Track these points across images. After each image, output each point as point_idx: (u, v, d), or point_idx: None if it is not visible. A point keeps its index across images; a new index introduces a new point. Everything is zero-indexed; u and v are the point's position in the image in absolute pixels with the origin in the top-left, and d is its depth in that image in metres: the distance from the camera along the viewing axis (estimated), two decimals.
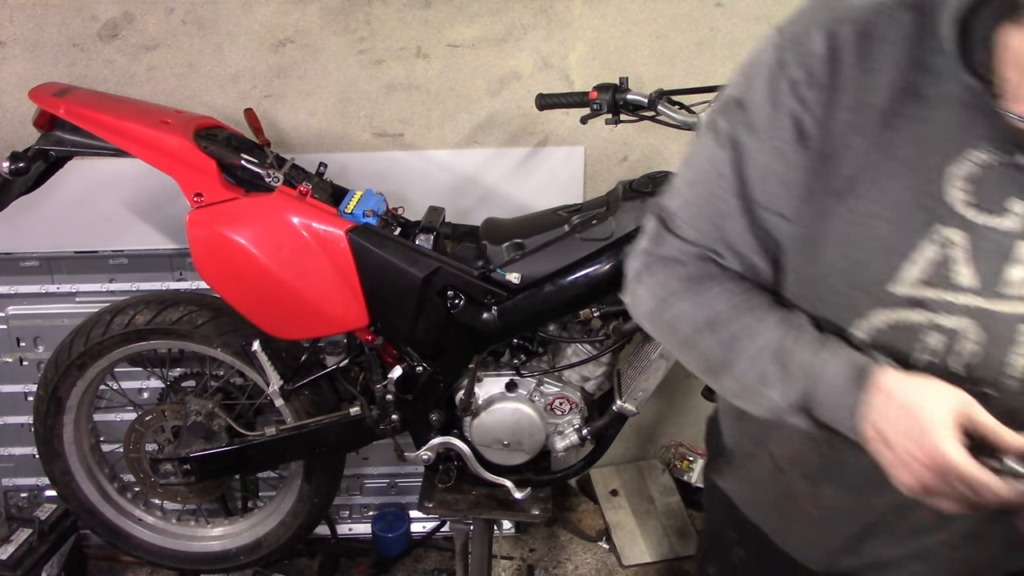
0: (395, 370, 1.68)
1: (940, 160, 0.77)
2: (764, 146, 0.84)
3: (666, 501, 2.38)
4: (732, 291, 0.89)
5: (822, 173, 0.81)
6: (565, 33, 2.04)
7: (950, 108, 0.77)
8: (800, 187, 0.83)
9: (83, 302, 2.04)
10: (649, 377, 1.62)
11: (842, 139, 0.80)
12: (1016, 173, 0.76)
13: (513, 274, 1.61)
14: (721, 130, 0.88)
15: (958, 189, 0.77)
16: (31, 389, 2.07)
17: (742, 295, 0.89)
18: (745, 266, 0.90)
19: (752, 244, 0.88)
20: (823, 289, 0.85)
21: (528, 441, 1.73)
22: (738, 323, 0.88)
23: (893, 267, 0.79)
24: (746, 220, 0.87)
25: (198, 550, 2.06)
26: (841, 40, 0.78)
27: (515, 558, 2.25)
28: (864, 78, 0.78)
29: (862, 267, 0.81)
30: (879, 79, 0.78)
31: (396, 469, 2.26)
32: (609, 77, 1.86)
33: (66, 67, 1.93)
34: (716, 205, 0.88)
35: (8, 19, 1.89)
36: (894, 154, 0.78)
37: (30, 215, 1.92)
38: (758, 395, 0.86)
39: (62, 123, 1.62)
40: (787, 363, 0.83)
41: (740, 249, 0.89)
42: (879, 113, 0.78)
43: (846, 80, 0.78)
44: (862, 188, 0.80)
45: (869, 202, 0.79)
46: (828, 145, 0.80)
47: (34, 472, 2.14)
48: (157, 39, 1.93)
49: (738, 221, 0.87)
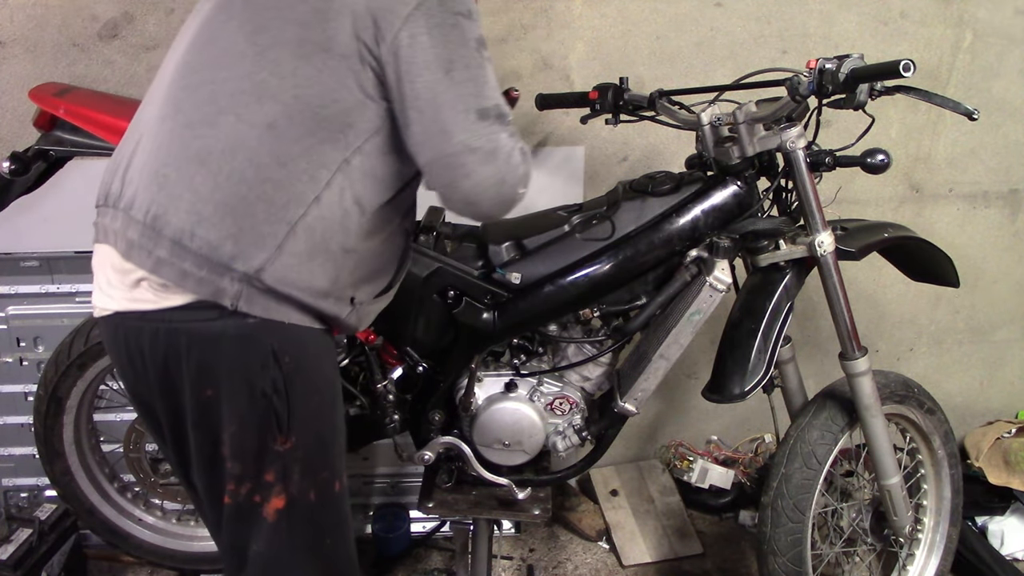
0: (395, 370, 1.68)
1: None
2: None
3: (666, 501, 2.38)
4: None
5: None
6: (565, 33, 2.04)
7: None
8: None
9: (83, 302, 2.05)
10: (649, 377, 1.62)
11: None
12: None
13: (513, 274, 1.61)
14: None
15: None
16: (31, 389, 2.07)
17: None
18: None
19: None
20: None
21: (528, 441, 1.73)
22: None
23: None
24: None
25: (198, 550, 2.06)
26: None
27: (515, 558, 2.25)
28: None
29: None
30: None
31: (396, 469, 2.26)
32: (609, 77, 1.86)
33: (66, 67, 1.93)
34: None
35: (8, 19, 1.89)
36: None
37: (30, 215, 1.92)
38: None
39: (62, 123, 1.62)
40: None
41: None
42: None
43: None
44: None
45: None
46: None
47: (34, 472, 2.14)
48: (157, 39, 1.93)
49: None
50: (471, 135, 1.16)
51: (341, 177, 1.17)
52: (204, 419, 1.19)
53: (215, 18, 1.22)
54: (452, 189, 1.20)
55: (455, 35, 1.16)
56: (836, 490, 1.81)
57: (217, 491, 1.24)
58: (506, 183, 1.21)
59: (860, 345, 1.62)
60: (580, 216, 1.65)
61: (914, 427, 1.83)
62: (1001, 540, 2.29)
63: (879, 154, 1.49)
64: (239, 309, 1.14)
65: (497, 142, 1.19)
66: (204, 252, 1.12)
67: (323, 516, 1.30)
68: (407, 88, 1.15)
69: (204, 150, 1.14)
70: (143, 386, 1.23)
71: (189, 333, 1.15)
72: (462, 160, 1.17)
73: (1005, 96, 2.28)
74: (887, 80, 1.41)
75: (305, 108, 1.14)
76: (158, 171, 1.15)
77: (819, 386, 1.77)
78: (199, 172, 1.13)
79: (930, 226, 2.38)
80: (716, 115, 1.56)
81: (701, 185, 1.60)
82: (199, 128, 1.15)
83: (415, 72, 1.14)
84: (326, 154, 1.16)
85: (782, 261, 1.58)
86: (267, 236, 1.13)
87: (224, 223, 1.12)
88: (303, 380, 1.22)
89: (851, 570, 1.86)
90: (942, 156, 2.32)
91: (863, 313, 2.39)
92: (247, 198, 1.13)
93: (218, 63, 1.18)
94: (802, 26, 2.12)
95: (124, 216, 1.16)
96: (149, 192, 1.14)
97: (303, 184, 1.15)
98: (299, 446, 1.23)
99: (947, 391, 2.57)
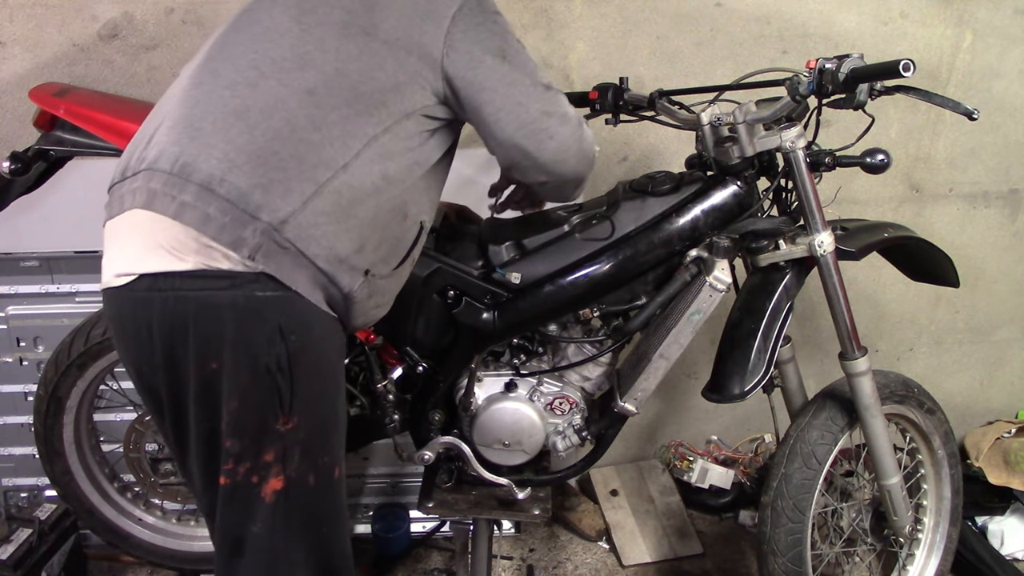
0: (395, 370, 1.68)
1: None
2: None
3: (666, 501, 2.38)
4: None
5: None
6: (565, 33, 2.04)
7: None
8: None
9: (83, 302, 2.05)
10: (649, 377, 1.62)
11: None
12: None
13: (513, 274, 1.61)
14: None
15: None
16: (31, 389, 2.07)
17: None
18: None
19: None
20: None
21: (528, 441, 1.73)
22: None
23: None
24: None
25: (198, 550, 2.06)
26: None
27: (515, 558, 2.25)
28: None
29: None
30: None
31: (396, 469, 2.26)
32: (609, 77, 1.86)
33: (66, 67, 1.93)
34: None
35: (8, 19, 1.89)
36: None
37: (30, 215, 1.92)
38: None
39: (62, 123, 1.62)
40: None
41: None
42: None
43: None
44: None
45: None
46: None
47: (34, 472, 2.14)
48: (157, 39, 1.93)
49: None
50: (545, 102, 1.32)
51: (370, 151, 1.23)
52: (206, 393, 1.19)
53: (256, 6, 1.31)
54: (540, 152, 1.33)
55: (498, 28, 1.32)
56: (836, 490, 1.81)
57: (213, 471, 1.23)
58: (585, 140, 1.38)
59: (860, 345, 1.62)
60: (580, 216, 1.65)
61: (914, 427, 1.83)
62: (1001, 540, 2.29)
63: (879, 154, 1.49)
64: (254, 261, 1.14)
65: (565, 108, 1.36)
66: (232, 198, 1.14)
67: (321, 502, 1.30)
68: (471, 75, 1.28)
69: (242, 107, 1.19)
70: (146, 361, 1.22)
71: (198, 301, 1.16)
72: (544, 124, 1.32)
73: (1005, 96, 2.28)
74: (887, 80, 1.41)
75: (344, 80, 1.22)
76: (191, 125, 1.19)
77: (819, 386, 1.77)
78: (236, 125, 1.17)
79: (930, 226, 2.38)
80: (716, 115, 1.55)
81: (701, 185, 1.60)
82: (239, 88, 1.20)
83: (476, 60, 1.28)
84: (359, 126, 1.22)
85: (782, 261, 1.58)
86: (295, 191, 1.17)
87: (256, 172, 1.15)
88: (308, 361, 1.22)
89: (851, 570, 1.86)
90: (942, 156, 2.33)
91: (863, 313, 2.39)
92: (279, 153, 1.17)
93: (262, 37, 1.25)
94: (802, 26, 2.12)
95: (146, 173, 1.18)
96: (179, 145, 1.17)
97: (334, 149, 1.20)
98: (300, 428, 1.23)
99: (947, 391, 2.57)
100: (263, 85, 1.20)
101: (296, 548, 1.27)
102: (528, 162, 1.35)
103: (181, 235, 1.15)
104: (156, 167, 1.17)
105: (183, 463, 1.31)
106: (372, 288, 1.31)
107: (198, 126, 1.18)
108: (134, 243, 1.18)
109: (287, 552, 1.26)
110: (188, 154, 1.16)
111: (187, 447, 1.26)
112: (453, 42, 1.27)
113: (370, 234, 1.26)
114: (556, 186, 1.43)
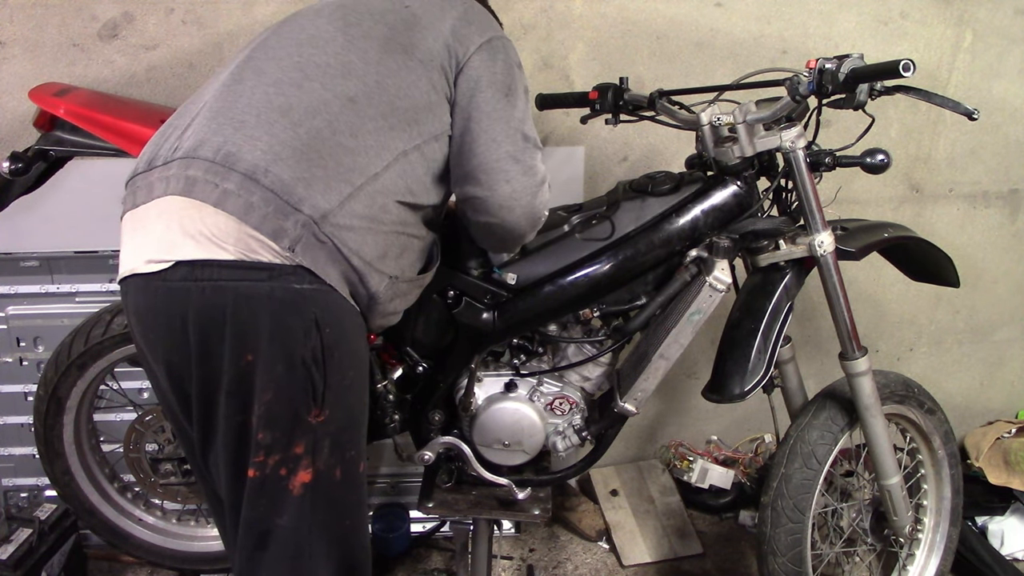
0: (395, 370, 1.68)
1: None
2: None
3: (666, 501, 2.38)
4: None
5: None
6: (565, 33, 2.04)
7: None
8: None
9: (83, 302, 2.05)
10: (649, 377, 1.62)
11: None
12: None
13: (509, 275, 1.61)
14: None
15: None
16: (31, 389, 2.07)
17: None
18: None
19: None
20: None
21: (528, 441, 1.73)
22: None
23: None
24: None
25: (198, 550, 2.06)
26: None
27: (515, 558, 2.25)
28: None
29: None
30: None
31: (396, 469, 2.26)
32: (609, 77, 1.86)
33: (66, 67, 1.93)
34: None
35: (8, 19, 1.89)
36: None
37: (30, 215, 1.92)
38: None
39: (62, 123, 1.62)
40: None
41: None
42: None
43: None
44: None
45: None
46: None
47: (34, 472, 2.14)
48: (157, 39, 1.93)
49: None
50: (518, 150, 1.36)
51: (398, 166, 1.28)
52: (240, 386, 1.18)
53: (302, 15, 1.36)
54: (490, 192, 1.36)
55: (513, 73, 1.38)
56: (836, 490, 1.81)
57: (242, 464, 1.22)
58: (538, 198, 1.41)
59: (860, 345, 1.62)
60: (580, 216, 1.65)
61: (914, 427, 1.83)
62: (1001, 540, 2.29)
63: (879, 154, 1.49)
64: (293, 253, 1.15)
65: (535, 163, 1.39)
66: (275, 188, 1.15)
67: (346, 496, 1.30)
68: (468, 97, 1.34)
69: (286, 105, 1.21)
70: (178, 352, 1.20)
71: (236, 292, 1.15)
72: (505, 166, 1.35)
73: (1005, 96, 2.28)
74: (887, 80, 1.41)
75: (383, 93, 1.27)
76: (234, 117, 1.20)
77: (819, 386, 1.77)
78: (280, 120, 1.20)
79: (930, 226, 2.38)
80: (716, 115, 1.56)
81: (701, 185, 1.60)
82: (284, 87, 1.23)
83: (481, 87, 1.34)
84: (392, 139, 1.27)
85: (782, 261, 1.58)
86: (334, 190, 1.20)
87: (299, 166, 1.17)
88: (340, 354, 1.23)
89: (851, 570, 1.86)
90: (942, 156, 2.33)
91: (863, 313, 2.39)
92: (321, 152, 1.20)
93: (308, 43, 1.29)
94: (802, 26, 2.12)
95: (183, 162, 1.18)
96: (221, 135, 1.18)
97: (367, 158, 1.24)
98: (331, 420, 1.24)
99: (947, 391, 2.57)
100: (307, 87, 1.23)
101: (319, 541, 1.27)
102: (479, 197, 1.38)
103: (223, 223, 1.14)
104: (196, 155, 1.17)
105: (204, 458, 1.29)
106: (395, 291, 1.33)
107: (242, 119, 1.19)
108: (167, 230, 1.17)
109: (311, 545, 1.26)
110: (232, 143, 1.17)
111: (213, 441, 1.25)
112: (470, 62, 1.34)
113: (393, 242, 1.29)
114: (499, 237, 1.48)
